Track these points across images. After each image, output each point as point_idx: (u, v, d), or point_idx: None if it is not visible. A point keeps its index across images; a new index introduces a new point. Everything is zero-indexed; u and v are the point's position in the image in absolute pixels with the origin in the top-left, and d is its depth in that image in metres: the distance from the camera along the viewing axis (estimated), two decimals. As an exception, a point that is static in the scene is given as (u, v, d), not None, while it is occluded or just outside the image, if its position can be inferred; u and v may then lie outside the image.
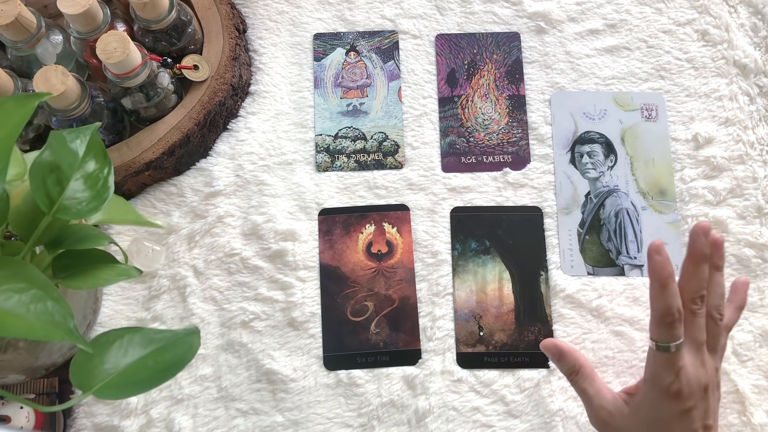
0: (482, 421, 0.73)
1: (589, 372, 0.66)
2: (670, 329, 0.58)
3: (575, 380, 0.66)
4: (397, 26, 0.87)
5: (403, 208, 0.80)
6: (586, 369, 0.66)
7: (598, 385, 0.65)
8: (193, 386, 0.74)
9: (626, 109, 0.83)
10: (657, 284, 0.59)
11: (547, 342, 0.68)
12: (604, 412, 0.64)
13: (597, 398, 0.64)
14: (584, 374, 0.66)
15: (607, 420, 0.64)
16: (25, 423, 0.68)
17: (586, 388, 0.65)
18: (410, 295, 0.77)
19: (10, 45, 0.72)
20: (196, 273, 0.77)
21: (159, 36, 0.76)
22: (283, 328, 0.76)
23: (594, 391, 0.65)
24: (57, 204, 0.53)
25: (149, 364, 0.53)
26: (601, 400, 0.64)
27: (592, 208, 0.79)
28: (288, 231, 0.78)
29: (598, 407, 0.64)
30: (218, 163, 0.80)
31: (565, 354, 0.66)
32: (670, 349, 0.59)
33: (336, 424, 0.73)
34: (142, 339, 0.54)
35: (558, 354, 0.67)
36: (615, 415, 0.63)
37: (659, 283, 0.58)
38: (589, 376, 0.66)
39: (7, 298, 0.43)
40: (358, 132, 0.83)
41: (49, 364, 0.68)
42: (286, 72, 0.85)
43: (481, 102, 0.84)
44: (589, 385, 0.65)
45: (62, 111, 0.69)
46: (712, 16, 0.86)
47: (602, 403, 0.64)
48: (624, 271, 0.77)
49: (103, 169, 0.56)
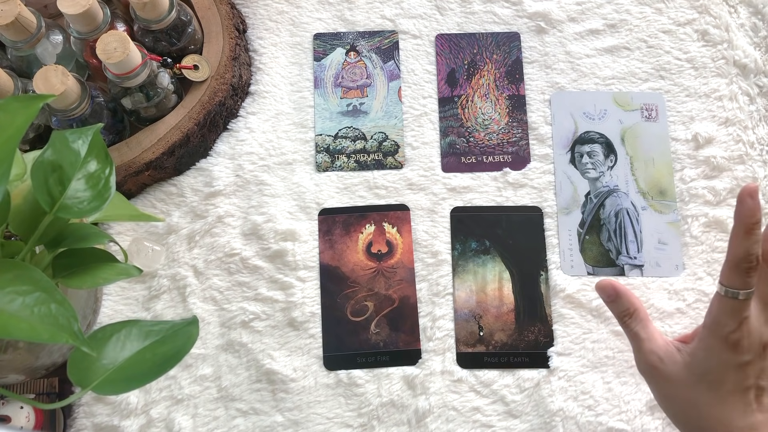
0: (482, 421, 0.73)
1: (643, 315, 0.64)
2: (745, 276, 0.56)
3: (627, 323, 0.64)
4: (397, 26, 0.87)
5: (403, 208, 0.80)
6: (641, 312, 0.64)
7: (650, 330, 0.63)
8: (193, 386, 0.74)
9: (626, 109, 0.83)
10: (742, 227, 0.56)
11: (604, 282, 0.66)
12: (654, 356, 0.62)
13: (648, 342, 0.63)
14: (638, 317, 0.64)
15: (656, 365, 0.62)
16: (25, 423, 0.68)
17: (638, 332, 0.64)
18: (410, 295, 0.77)
19: (10, 45, 0.72)
20: (196, 273, 0.77)
21: (159, 36, 0.76)
22: (283, 328, 0.76)
23: (646, 335, 0.63)
24: (58, 203, 0.53)
25: (148, 357, 0.53)
26: (653, 345, 0.62)
27: (592, 208, 0.79)
28: (288, 231, 0.78)
29: (649, 351, 0.62)
30: (218, 163, 0.80)
31: (621, 295, 0.65)
32: (739, 296, 0.56)
33: (336, 424, 0.73)
34: (140, 332, 0.54)
35: (614, 295, 0.65)
36: (665, 362, 0.61)
37: (745, 226, 0.56)
38: (643, 320, 0.64)
39: (11, 300, 0.43)
40: (358, 132, 0.83)
41: (49, 364, 0.68)
42: (286, 72, 0.85)
43: (481, 102, 0.84)
44: (642, 329, 0.63)
45: (62, 111, 0.69)
46: (712, 16, 0.86)
47: (653, 347, 0.62)
48: (624, 271, 0.77)
49: (105, 169, 0.56)
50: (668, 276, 0.77)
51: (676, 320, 0.75)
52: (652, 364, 0.62)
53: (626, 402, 0.73)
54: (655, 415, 0.72)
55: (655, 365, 0.62)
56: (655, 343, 0.62)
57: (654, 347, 0.62)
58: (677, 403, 0.62)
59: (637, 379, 0.74)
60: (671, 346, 0.62)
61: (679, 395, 0.61)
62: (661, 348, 0.62)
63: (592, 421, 0.72)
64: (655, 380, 0.63)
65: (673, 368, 0.61)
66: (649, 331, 0.63)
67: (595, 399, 0.73)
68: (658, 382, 0.62)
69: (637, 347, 0.64)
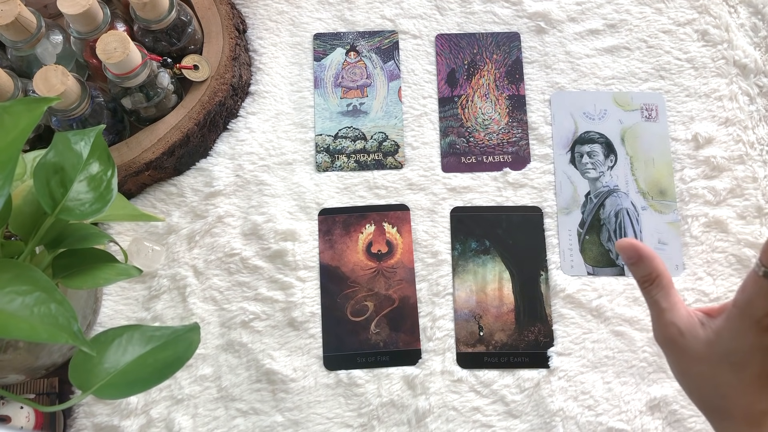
0: (482, 421, 0.73)
1: (666, 282, 0.58)
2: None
3: (648, 289, 0.59)
4: (397, 26, 0.87)
5: (403, 208, 0.80)
6: (664, 278, 0.58)
7: (673, 299, 0.58)
8: (193, 386, 0.74)
9: (626, 109, 0.83)
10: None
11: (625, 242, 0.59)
12: (675, 329, 0.57)
13: (670, 313, 0.57)
14: (661, 284, 0.58)
15: (675, 338, 0.57)
16: (25, 423, 0.68)
17: (659, 300, 0.58)
18: (410, 295, 0.77)
19: (10, 45, 0.72)
20: (196, 273, 0.77)
21: (159, 36, 0.76)
22: (283, 328, 0.76)
23: (668, 305, 0.58)
24: (60, 205, 0.53)
25: (149, 362, 0.53)
26: (674, 316, 0.57)
27: (592, 208, 0.79)
28: (288, 231, 0.78)
29: (669, 323, 0.57)
30: (218, 163, 0.80)
31: (644, 259, 0.58)
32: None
33: (336, 424, 0.73)
34: (142, 337, 0.54)
35: (636, 257, 0.59)
36: (686, 335, 0.56)
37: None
38: (666, 288, 0.58)
39: (11, 300, 0.43)
40: (358, 132, 0.83)
41: (49, 364, 0.68)
42: (286, 72, 0.85)
43: (481, 102, 0.84)
44: (663, 298, 0.58)
45: (62, 111, 0.69)
46: (712, 16, 0.86)
47: (674, 319, 0.57)
48: (624, 271, 0.77)
49: (107, 171, 0.56)
50: (668, 276, 0.77)
51: (676, 320, 0.75)
52: (671, 337, 0.58)
53: (626, 402, 0.73)
54: (654, 415, 0.72)
55: (674, 338, 0.57)
56: (677, 313, 0.57)
57: (675, 318, 0.57)
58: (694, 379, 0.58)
59: (637, 379, 0.74)
60: (694, 319, 0.57)
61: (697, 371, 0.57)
62: (682, 320, 0.57)
63: (592, 421, 0.72)
64: (673, 353, 0.59)
65: (693, 343, 0.56)
66: (672, 300, 0.58)
67: (595, 399, 0.73)
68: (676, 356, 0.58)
69: (656, 316, 0.59)
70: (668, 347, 0.58)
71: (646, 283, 0.59)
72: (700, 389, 0.57)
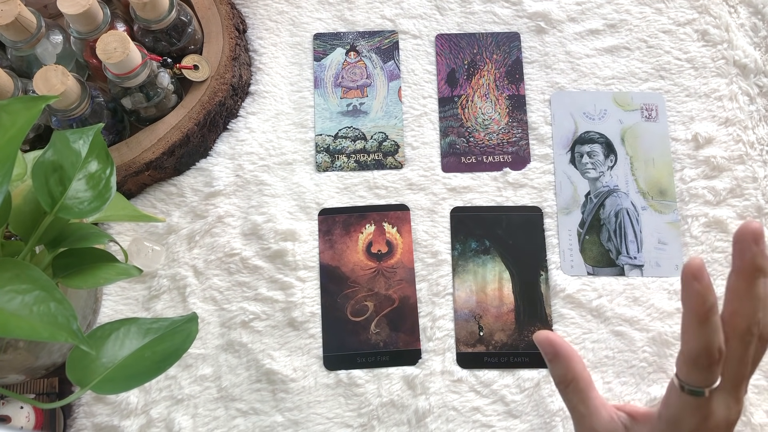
0: (482, 421, 0.73)
1: (584, 385, 0.54)
2: (707, 372, 0.47)
3: (565, 392, 0.55)
4: (397, 26, 0.87)
5: (403, 208, 0.80)
6: (582, 382, 0.54)
7: (593, 403, 0.54)
8: (193, 386, 0.74)
9: (626, 109, 0.83)
10: (694, 317, 0.47)
11: (541, 335, 0.55)
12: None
13: (590, 419, 0.53)
14: (577, 388, 0.54)
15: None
16: (25, 423, 0.68)
17: (577, 406, 0.54)
18: (410, 295, 0.77)
19: (10, 45, 0.72)
20: (196, 273, 0.77)
21: (159, 36, 0.76)
22: (283, 328, 0.76)
23: (586, 410, 0.54)
24: (59, 204, 0.53)
25: (147, 355, 0.53)
26: (595, 422, 0.53)
27: (592, 208, 0.79)
28: (288, 231, 0.78)
29: (589, 429, 0.53)
30: (218, 163, 0.80)
31: (560, 357, 0.55)
32: (703, 394, 0.48)
33: (336, 424, 0.73)
34: (139, 330, 0.54)
35: (552, 354, 0.55)
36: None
37: (698, 316, 0.47)
38: (584, 391, 0.54)
39: (10, 299, 0.43)
40: (358, 132, 0.83)
41: (49, 364, 0.68)
42: (286, 72, 0.85)
43: (481, 102, 0.84)
44: (581, 402, 0.54)
45: (62, 111, 0.69)
46: (712, 16, 0.86)
47: (596, 426, 0.53)
48: (624, 271, 0.77)
49: (106, 170, 0.56)
50: (668, 276, 0.77)
51: (676, 320, 0.75)
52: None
53: (626, 402, 0.73)
54: (655, 415, 0.72)
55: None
56: (597, 419, 0.53)
57: (595, 424, 0.53)
58: None
59: (637, 379, 0.74)
60: (617, 424, 0.53)
61: None
62: (604, 427, 0.53)
63: (592, 421, 0.72)
64: None
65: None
66: (591, 406, 0.54)
67: (595, 399, 0.73)
68: None
69: (577, 422, 0.55)
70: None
71: (561, 385, 0.55)
72: None
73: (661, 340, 0.74)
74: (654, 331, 0.75)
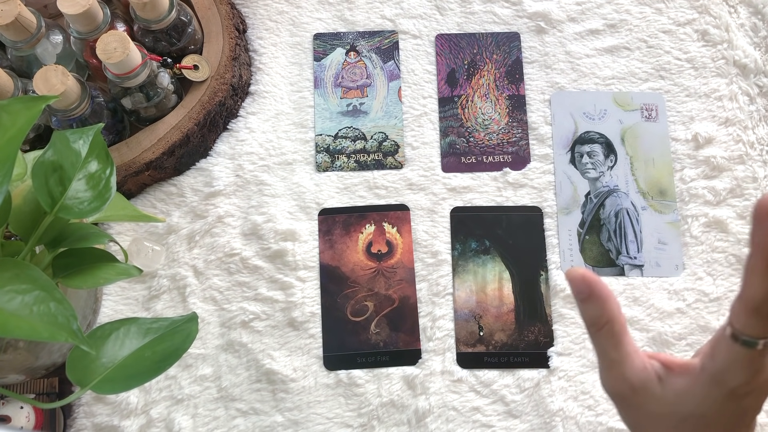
0: (482, 421, 0.73)
1: (619, 328, 0.48)
2: None
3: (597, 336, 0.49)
4: (397, 26, 0.87)
5: (403, 208, 0.80)
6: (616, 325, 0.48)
7: (626, 349, 0.48)
8: (193, 386, 0.74)
9: (626, 109, 0.83)
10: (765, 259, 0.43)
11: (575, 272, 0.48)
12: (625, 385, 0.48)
13: (620, 366, 0.48)
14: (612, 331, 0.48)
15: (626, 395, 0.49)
16: (25, 423, 0.68)
17: (608, 350, 0.49)
18: (410, 295, 0.77)
19: (10, 45, 0.72)
20: (196, 273, 0.77)
21: (159, 36, 0.76)
22: (283, 328, 0.76)
23: (618, 356, 0.48)
24: (59, 204, 0.53)
25: (147, 355, 0.53)
26: (627, 370, 0.48)
27: (592, 208, 0.79)
28: (288, 231, 0.78)
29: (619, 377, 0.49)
30: (218, 163, 0.80)
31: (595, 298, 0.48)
32: (758, 345, 0.43)
33: (336, 424, 0.73)
34: (139, 330, 0.54)
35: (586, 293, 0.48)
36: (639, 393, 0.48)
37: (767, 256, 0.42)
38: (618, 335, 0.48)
39: (11, 299, 0.43)
40: (358, 132, 0.83)
41: (49, 364, 0.68)
42: (286, 72, 0.85)
43: (481, 102, 0.84)
44: (613, 347, 0.48)
45: (62, 111, 0.69)
46: (712, 16, 0.86)
47: (627, 373, 0.48)
48: (624, 271, 0.77)
49: (106, 170, 0.56)
50: (668, 276, 0.77)
51: (676, 320, 0.75)
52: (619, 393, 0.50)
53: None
54: (655, 415, 0.72)
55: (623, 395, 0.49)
56: (629, 367, 0.48)
57: (627, 372, 0.48)
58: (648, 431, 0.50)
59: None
60: (651, 373, 0.49)
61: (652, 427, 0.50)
62: (636, 374, 0.48)
63: (592, 421, 0.72)
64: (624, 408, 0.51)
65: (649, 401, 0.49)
66: (623, 351, 0.49)
67: (595, 399, 0.73)
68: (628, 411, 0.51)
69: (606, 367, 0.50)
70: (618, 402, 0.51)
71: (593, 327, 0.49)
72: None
73: (661, 340, 0.74)
74: (654, 331, 0.75)
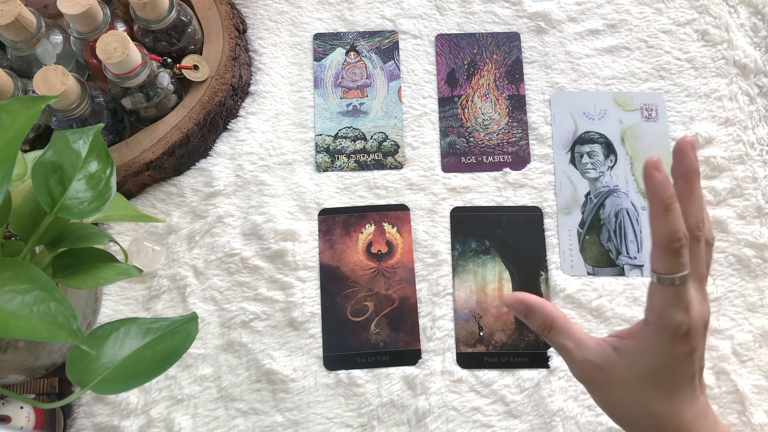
0: (482, 421, 0.73)
1: (563, 323, 0.57)
2: (677, 257, 0.50)
3: (549, 336, 0.57)
4: (397, 26, 0.87)
5: (403, 208, 0.80)
6: (559, 321, 0.57)
7: (577, 336, 0.56)
8: (193, 386, 0.74)
9: (626, 109, 0.83)
10: (659, 206, 0.50)
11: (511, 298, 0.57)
12: (589, 365, 0.55)
13: (579, 351, 0.56)
14: (558, 326, 0.56)
15: (592, 374, 0.55)
16: (25, 423, 0.68)
17: (563, 343, 0.56)
18: (410, 295, 0.77)
19: (10, 45, 0.72)
20: (196, 273, 0.77)
21: (159, 36, 0.76)
22: (283, 328, 0.76)
23: (574, 344, 0.56)
24: (59, 204, 0.53)
25: (147, 355, 0.53)
26: (585, 353, 0.55)
27: (592, 208, 0.79)
28: (288, 231, 0.78)
29: (581, 361, 0.56)
30: (218, 163, 0.80)
31: (534, 309, 0.57)
32: (675, 281, 0.51)
33: (336, 424, 0.73)
34: (139, 330, 0.54)
35: (525, 310, 0.57)
36: (603, 367, 0.55)
37: (662, 204, 0.50)
38: (564, 327, 0.57)
39: (10, 299, 0.43)
40: (358, 132, 0.83)
41: (49, 364, 0.68)
42: (286, 72, 0.85)
43: (481, 102, 0.84)
44: (566, 339, 0.56)
45: (62, 111, 0.69)
46: (712, 16, 0.86)
47: (586, 355, 0.55)
48: (624, 271, 0.77)
49: (106, 170, 0.56)
50: (668, 276, 0.77)
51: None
52: (588, 374, 0.56)
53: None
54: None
55: (591, 374, 0.56)
56: (587, 349, 0.56)
57: (587, 354, 0.55)
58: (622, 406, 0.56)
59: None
60: (606, 347, 0.55)
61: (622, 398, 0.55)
62: (595, 353, 0.55)
63: (592, 421, 0.72)
64: (595, 388, 0.57)
65: (612, 372, 0.55)
66: (576, 338, 0.56)
67: (595, 399, 0.73)
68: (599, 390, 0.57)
69: (568, 359, 0.57)
70: (589, 384, 0.57)
71: (545, 331, 0.57)
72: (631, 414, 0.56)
73: (661, 340, 0.74)
74: (654, 331, 0.75)
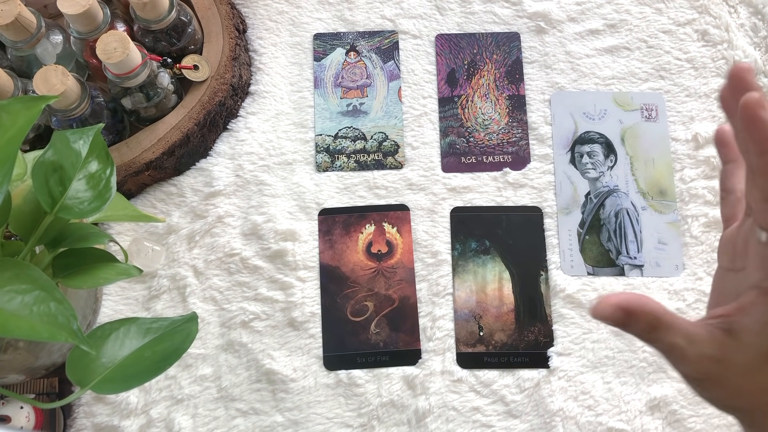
0: (482, 421, 0.73)
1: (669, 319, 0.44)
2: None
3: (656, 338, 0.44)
4: (397, 26, 0.87)
5: (403, 208, 0.80)
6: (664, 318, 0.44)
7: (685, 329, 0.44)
8: (193, 386, 0.74)
9: (626, 109, 0.83)
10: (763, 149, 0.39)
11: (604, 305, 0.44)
12: (708, 361, 0.43)
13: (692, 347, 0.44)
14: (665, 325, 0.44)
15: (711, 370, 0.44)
16: (25, 423, 0.68)
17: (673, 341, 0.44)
18: (410, 295, 0.77)
19: (10, 45, 0.72)
20: (196, 273, 0.77)
21: (159, 36, 0.76)
22: (283, 328, 0.76)
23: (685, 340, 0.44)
24: (59, 204, 0.53)
25: (147, 355, 0.53)
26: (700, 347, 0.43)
27: (592, 208, 0.79)
28: (288, 231, 0.78)
29: (699, 358, 0.44)
30: (218, 163, 0.80)
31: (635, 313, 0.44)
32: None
33: (336, 424, 0.73)
34: (139, 329, 0.54)
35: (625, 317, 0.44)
36: (722, 360, 0.43)
37: None
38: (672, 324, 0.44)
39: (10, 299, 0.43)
40: (358, 132, 0.83)
41: (49, 364, 0.68)
42: (286, 72, 0.85)
43: (481, 102, 0.84)
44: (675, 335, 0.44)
45: (62, 111, 0.69)
46: (712, 16, 0.86)
47: (703, 350, 0.43)
48: (624, 271, 0.77)
49: (106, 170, 0.56)
50: (668, 276, 0.77)
51: (676, 320, 0.75)
52: (704, 371, 0.44)
53: (626, 402, 0.73)
54: (654, 415, 0.72)
55: (709, 371, 0.44)
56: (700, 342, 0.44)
57: (703, 348, 0.44)
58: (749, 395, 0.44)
59: (637, 379, 0.74)
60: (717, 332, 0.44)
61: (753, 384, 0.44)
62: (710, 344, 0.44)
63: (592, 421, 0.72)
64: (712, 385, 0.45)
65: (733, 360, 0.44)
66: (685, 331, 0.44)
67: (595, 399, 0.73)
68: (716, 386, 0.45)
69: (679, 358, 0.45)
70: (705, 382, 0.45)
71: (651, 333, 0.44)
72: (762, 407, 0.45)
73: (661, 340, 0.74)
74: (654, 331, 0.75)
